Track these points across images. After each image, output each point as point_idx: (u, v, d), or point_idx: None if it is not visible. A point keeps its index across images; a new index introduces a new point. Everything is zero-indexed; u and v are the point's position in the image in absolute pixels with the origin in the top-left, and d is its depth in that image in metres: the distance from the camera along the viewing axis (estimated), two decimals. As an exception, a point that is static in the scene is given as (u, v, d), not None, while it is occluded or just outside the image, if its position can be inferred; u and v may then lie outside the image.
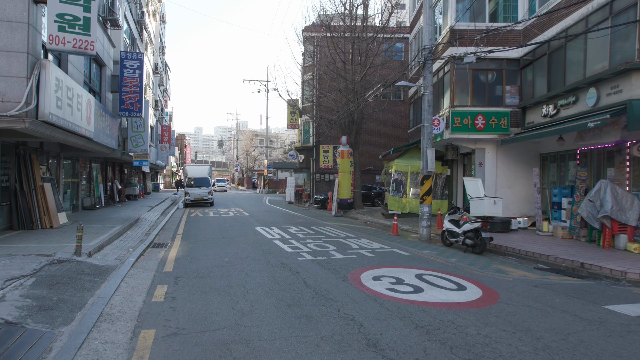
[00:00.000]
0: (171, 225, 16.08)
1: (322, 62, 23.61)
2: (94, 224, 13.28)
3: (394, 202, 19.18)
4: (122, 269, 7.67)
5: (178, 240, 12.39)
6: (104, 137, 13.36)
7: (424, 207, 13.63)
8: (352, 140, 22.37)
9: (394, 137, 29.60)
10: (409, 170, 19.29)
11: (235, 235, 13.46)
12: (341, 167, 22.24)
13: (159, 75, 35.42)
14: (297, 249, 10.80)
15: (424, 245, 12.25)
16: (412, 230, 15.66)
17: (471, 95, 15.63)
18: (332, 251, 10.61)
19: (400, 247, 11.55)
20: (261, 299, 6.27)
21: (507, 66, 15.57)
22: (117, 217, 15.84)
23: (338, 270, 8.43)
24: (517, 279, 8.14)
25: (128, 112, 15.69)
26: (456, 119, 15.33)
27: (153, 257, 9.53)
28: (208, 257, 9.66)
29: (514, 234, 13.50)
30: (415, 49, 21.98)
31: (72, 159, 16.60)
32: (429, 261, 9.68)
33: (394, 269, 8.63)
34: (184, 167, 28.37)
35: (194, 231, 14.34)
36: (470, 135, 15.46)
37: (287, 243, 11.80)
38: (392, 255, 10.34)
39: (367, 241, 12.52)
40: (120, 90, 15.63)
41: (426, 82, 13.64)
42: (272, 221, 17.90)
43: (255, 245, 11.37)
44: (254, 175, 67.69)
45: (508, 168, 16.16)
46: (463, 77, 15.70)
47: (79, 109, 10.23)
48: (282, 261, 9.23)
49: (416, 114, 21.10)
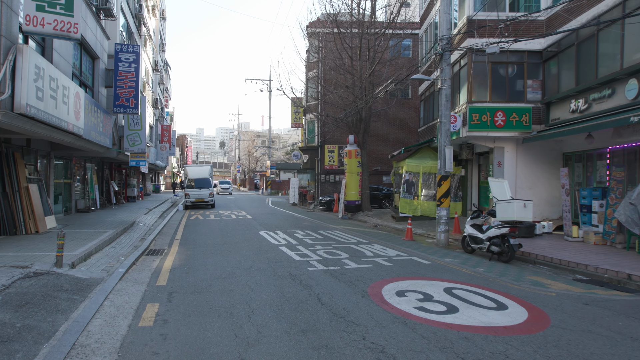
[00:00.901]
0: (169, 229, 15.08)
1: (327, 58, 22.62)
2: (84, 229, 12.28)
3: (405, 205, 18.16)
4: (109, 283, 6.66)
5: (175, 246, 11.39)
6: (96, 135, 12.38)
7: (442, 210, 12.61)
8: (360, 139, 21.35)
9: (401, 136, 28.57)
10: (421, 171, 18.27)
11: (238, 240, 12.45)
12: (348, 167, 21.22)
13: (158, 73, 34.47)
14: (306, 257, 9.79)
15: (444, 252, 11.22)
16: (426, 234, 14.64)
17: (490, 90, 14.60)
18: (345, 259, 9.59)
19: (419, 255, 10.52)
20: (269, 323, 5.26)
21: (528, 59, 14.54)
22: (112, 220, 14.84)
23: (355, 283, 7.41)
24: (561, 294, 7.11)
25: (123, 108, 14.70)
26: (474, 116, 14.30)
27: (146, 267, 8.52)
28: (208, 266, 8.65)
29: (540, 240, 12.46)
30: (426, 45, 20.97)
31: (65, 158, 15.63)
32: (454, 271, 8.65)
33: (418, 282, 7.60)
34: (184, 168, 27.34)
35: (193, 236, 13.34)
36: (489, 133, 14.43)
37: (295, 250, 10.79)
38: (411, 264, 9.32)
39: (381, 247, 11.49)
40: (115, 85, 14.64)
41: (444, 75, 12.63)
42: (276, 224, 16.89)
43: (260, 253, 10.36)
44: (256, 176, 66.74)
45: (529, 168, 15.13)
46: (481, 71, 14.67)
47: (65, 102, 9.24)
48: (291, 272, 8.21)
49: (428, 111, 20.09)
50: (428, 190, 18.66)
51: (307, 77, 28.30)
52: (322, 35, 24.12)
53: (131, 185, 26.34)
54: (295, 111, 29.88)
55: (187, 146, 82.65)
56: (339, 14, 20.97)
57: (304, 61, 27.19)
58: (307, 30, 27.01)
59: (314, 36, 27.01)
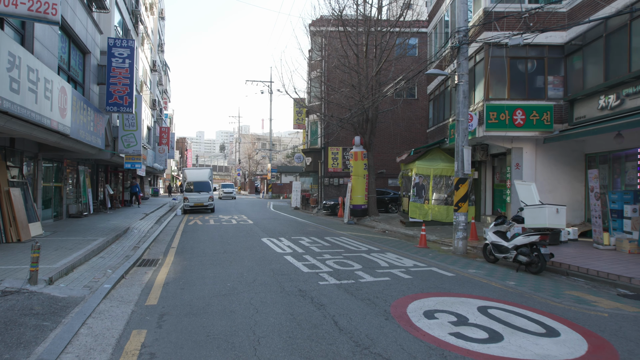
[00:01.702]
0: (165, 235, 14.12)
1: (332, 56, 21.73)
2: (72, 236, 11.33)
3: (415, 209, 17.20)
4: (90, 303, 5.71)
5: (171, 255, 10.43)
6: (85, 135, 11.46)
7: (460, 216, 11.66)
8: (367, 140, 20.42)
9: (408, 138, 27.64)
10: (431, 174, 17.32)
11: (239, 248, 11.49)
12: (354, 170, 20.28)
13: (157, 73, 33.59)
14: (315, 268, 8.83)
15: (464, 262, 10.26)
16: (440, 241, 13.69)
17: (508, 87, 13.68)
18: (358, 271, 8.63)
19: (438, 265, 9.57)
20: (279, 356, 4.30)
21: (549, 53, 13.62)
22: (104, 226, 13.89)
23: (374, 300, 6.46)
24: (613, 314, 6.15)
25: (117, 106, 13.77)
26: (492, 114, 13.38)
27: (136, 281, 7.56)
28: (206, 280, 7.70)
29: (566, 247, 11.50)
30: (435, 42, 20.08)
31: (55, 160, 14.70)
32: (483, 285, 7.70)
33: (446, 299, 6.65)
34: (182, 171, 26.43)
35: (191, 243, 12.38)
36: (507, 133, 13.50)
37: (302, 260, 9.83)
38: (432, 276, 8.36)
39: (396, 257, 10.53)
40: (107, 82, 13.73)
41: (461, 70, 11.71)
42: (279, 230, 15.93)
43: (264, 263, 9.40)
44: (256, 179, 65.80)
45: (549, 170, 14.19)
46: (499, 67, 13.75)
47: (47, 96, 8.32)
48: (300, 287, 7.25)
49: (438, 110, 19.17)
50: (439, 193, 17.71)
51: (310, 77, 27.40)
52: (326, 32, 23.21)
53: (128, 189, 25.39)
54: (297, 112, 28.96)
55: (186, 149, 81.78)
56: (345, 8, 20.06)
57: (307, 59, 26.28)
58: (310, 29, 26.16)
59: (318, 35, 26.13)
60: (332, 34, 23.25)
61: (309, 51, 29.02)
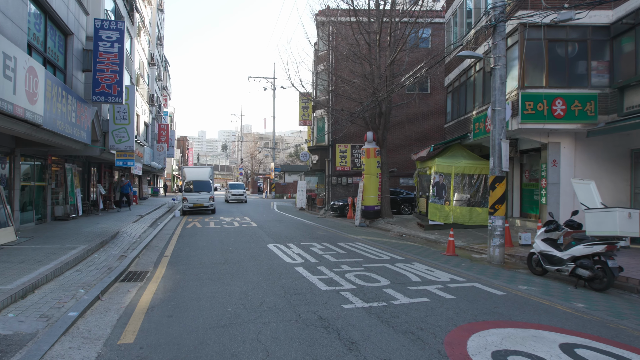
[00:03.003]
0: (159, 241, 12.60)
1: (341, 46, 20.16)
2: (49, 244, 9.81)
3: (434, 211, 15.64)
4: (39, 345, 4.19)
5: (163, 266, 8.90)
6: (65, 126, 9.95)
7: (496, 220, 10.12)
8: (380, 136, 18.86)
9: (420, 134, 26.07)
10: (453, 172, 15.76)
11: (243, 257, 9.96)
12: (366, 168, 18.73)
13: (155, 67, 32.10)
14: (335, 285, 7.30)
15: (507, 275, 8.72)
16: (468, 247, 12.14)
17: (547, 73, 12.11)
18: (387, 288, 7.10)
19: (479, 279, 8.04)
20: None
21: (592, 35, 12.05)
22: (90, 231, 12.38)
23: (419, 334, 4.93)
24: None
25: (104, 96, 12.27)
26: (528, 104, 11.82)
27: (114, 305, 6.04)
28: (201, 303, 6.17)
29: (623, 257, 9.90)
30: (454, 30, 18.51)
31: (37, 157, 13.20)
32: (546, 309, 6.16)
33: (511, 331, 5.11)
34: (181, 169, 24.91)
35: (187, 251, 10.86)
36: (545, 125, 11.93)
37: (316, 272, 8.29)
38: (479, 295, 6.83)
39: (426, 268, 8.99)
40: (94, 69, 12.23)
41: (497, 52, 10.14)
42: (286, 234, 14.39)
43: (272, 277, 7.86)
44: (259, 179, 64.30)
45: (589, 168, 12.63)
46: (536, 51, 12.19)
47: (8, 76, 6.82)
48: (320, 313, 5.72)
49: (459, 103, 17.59)
50: (461, 194, 16.15)
51: (317, 70, 25.85)
52: (335, 23, 21.60)
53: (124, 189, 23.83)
54: (303, 107, 27.43)
55: (188, 148, 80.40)
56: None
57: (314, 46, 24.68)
58: (317, 19, 24.62)
59: (326, 24, 24.56)
60: (341, 23, 21.68)
61: (314, 44, 27.50)
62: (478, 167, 15.90)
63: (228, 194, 36.09)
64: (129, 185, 21.59)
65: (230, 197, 35.25)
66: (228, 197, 35.68)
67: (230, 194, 35.44)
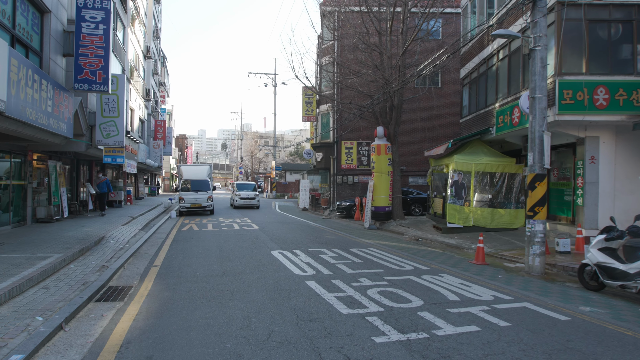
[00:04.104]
0: (150, 247, 11.24)
1: (349, 34, 18.78)
2: (18, 252, 8.45)
3: (453, 212, 14.28)
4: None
5: (150, 279, 7.55)
6: (38, 116, 8.59)
7: (536, 224, 8.78)
8: (391, 131, 17.50)
9: (430, 130, 24.70)
10: (473, 170, 14.40)
11: (244, 268, 8.60)
12: (377, 166, 17.37)
13: (152, 61, 30.70)
14: (357, 306, 5.96)
15: (557, 290, 7.38)
16: (497, 254, 10.80)
17: (587, 58, 10.75)
18: (422, 311, 5.77)
19: (527, 297, 6.72)
20: None
21: (638, 15, 10.68)
22: (72, 235, 11.02)
23: (491, 391, 3.56)
24: None
25: (88, 83, 10.92)
26: (566, 93, 10.46)
27: (78, 339, 4.69)
28: (192, 334, 4.82)
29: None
30: (471, 17, 17.15)
31: (15, 153, 11.84)
32: (633, 342, 4.81)
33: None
34: (178, 167, 23.48)
35: (180, 259, 9.50)
36: (585, 117, 10.57)
37: (333, 288, 6.94)
38: (536, 320, 5.53)
39: (458, 281, 7.65)
40: (76, 53, 10.87)
41: (537, 31, 8.80)
42: (291, 239, 13.03)
43: (280, 296, 6.51)
44: (259, 178, 62.94)
45: (631, 166, 11.31)
46: (575, 33, 10.83)
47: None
48: (346, 350, 4.39)
49: (478, 95, 16.22)
50: (482, 194, 14.80)
51: (322, 63, 24.46)
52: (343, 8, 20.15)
53: (116, 188, 22.50)
54: (307, 102, 26.06)
55: (187, 146, 79.05)
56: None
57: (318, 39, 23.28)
58: (322, 8, 23.22)
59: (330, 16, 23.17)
60: (348, 13, 20.27)
61: (319, 37, 26.12)
62: (500, 164, 14.55)
63: (235, 196, 27.37)
64: (106, 183, 17.05)
65: (238, 202, 26.81)
66: (235, 201, 27.11)
67: (237, 197, 26.96)
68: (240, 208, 26.89)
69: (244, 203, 26.79)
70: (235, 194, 27.47)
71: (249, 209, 26.45)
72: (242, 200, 26.74)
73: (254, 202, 27.03)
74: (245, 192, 27.35)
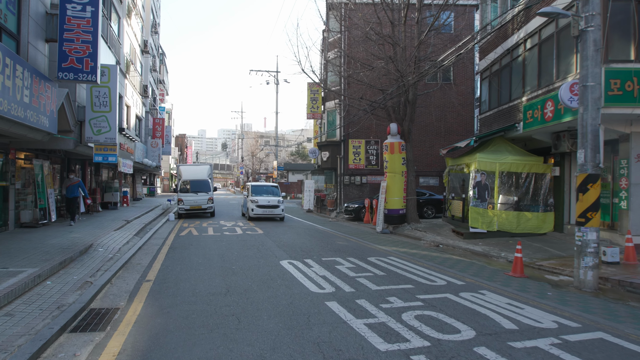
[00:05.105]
0: (144, 255, 10.04)
1: (359, 24, 17.56)
2: (-11, 265, 7.25)
3: (476, 216, 13.09)
4: None
5: (141, 299, 6.35)
6: (12, 107, 7.41)
7: (589, 232, 7.61)
8: (405, 128, 16.30)
9: (442, 128, 23.49)
10: (497, 170, 13.23)
11: (251, 283, 7.40)
12: (390, 165, 16.17)
13: (149, 57, 29.50)
14: (395, 338, 4.80)
15: (628, 314, 6.21)
16: (532, 264, 9.61)
17: (636, 44, 9.57)
18: (478, 346, 4.64)
19: (595, 323, 5.60)
20: None
21: (694, -4, 9.50)
22: (56, 243, 9.83)
23: None
24: None
25: (73, 72, 9.73)
26: (613, 83, 9.28)
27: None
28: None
29: None
30: (492, 5, 15.97)
31: (-6, 150, 10.64)
32: None
33: None
34: (177, 167, 22.27)
35: (177, 271, 8.30)
36: (634, 110, 9.38)
37: (360, 312, 5.75)
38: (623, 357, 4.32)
39: (505, 301, 6.47)
40: (60, 38, 9.68)
41: (590, 8, 7.62)
42: (301, 246, 11.84)
43: (298, 323, 5.32)
44: (260, 178, 61.77)
45: (681, 164, 10.08)
46: (622, 15, 9.65)
47: None
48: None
49: (503, 88, 15.03)
50: (507, 196, 13.63)
51: (329, 58, 23.23)
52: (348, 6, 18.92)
53: (112, 189, 21.31)
54: (312, 99, 24.83)
55: (187, 146, 77.87)
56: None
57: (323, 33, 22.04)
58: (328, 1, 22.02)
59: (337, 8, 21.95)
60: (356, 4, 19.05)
61: (324, 31, 24.92)
62: (527, 164, 13.37)
63: (250, 204, 19.09)
64: (79, 186, 13.73)
65: (255, 212, 18.80)
66: (251, 211, 18.95)
67: (254, 205, 18.85)
68: (257, 220, 19.13)
69: (264, 213, 18.88)
70: (251, 201, 19.07)
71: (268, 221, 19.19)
72: (260, 210, 18.80)
73: (277, 211, 19.13)
74: (264, 197, 19.31)
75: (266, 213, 19.00)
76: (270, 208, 19.02)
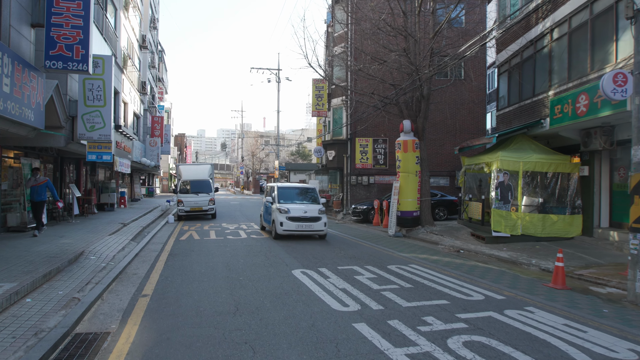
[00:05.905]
0: (140, 264, 9.09)
1: (369, 15, 16.62)
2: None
3: (499, 219, 12.17)
4: None
5: (136, 321, 5.41)
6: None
7: (647, 240, 6.65)
8: (420, 125, 15.38)
9: (453, 126, 22.57)
10: (521, 169, 12.31)
11: (263, 299, 6.45)
12: (403, 165, 15.24)
13: (148, 52, 28.54)
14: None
15: None
16: (571, 273, 8.68)
17: (687, 28, 8.61)
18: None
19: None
20: None
21: None
22: (44, 249, 8.89)
23: None
24: None
25: (62, 61, 8.79)
26: (662, 72, 8.30)
27: None
28: None
29: None
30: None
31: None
32: None
33: None
34: (177, 167, 21.37)
35: (177, 284, 7.36)
36: (685, 102, 8.42)
37: (396, 338, 4.83)
38: None
39: (560, 320, 5.55)
40: (47, 23, 8.75)
41: (647, -14, 6.67)
42: (312, 251, 10.90)
43: (325, 356, 4.40)
44: (261, 178, 60.80)
45: None
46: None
47: None
48: None
49: (525, 82, 14.10)
50: (531, 197, 12.72)
51: (335, 52, 22.29)
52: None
53: (108, 190, 20.35)
54: (317, 96, 23.90)
55: (186, 145, 76.90)
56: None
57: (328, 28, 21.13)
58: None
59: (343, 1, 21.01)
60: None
61: (328, 26, 24.01)
62: (553, 163, 12.45)
63: (279, 216, 12.80)
64: (46, 187, 11.26)
65: (287, 227, 12.65)
66: (280, 226, 12.71)
67: (284, 217, 12.71)
68: (288, 238, 13.07)
69: (298, 229, 12.77)
70: (279, 210, 12.92)
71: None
72: (293, 224, 12.67)
73: (318, 226, 13.06)
74: (298, 205, 13.27)
75: (302, 229, 12.76)
76: (308, 222, 12.86)
